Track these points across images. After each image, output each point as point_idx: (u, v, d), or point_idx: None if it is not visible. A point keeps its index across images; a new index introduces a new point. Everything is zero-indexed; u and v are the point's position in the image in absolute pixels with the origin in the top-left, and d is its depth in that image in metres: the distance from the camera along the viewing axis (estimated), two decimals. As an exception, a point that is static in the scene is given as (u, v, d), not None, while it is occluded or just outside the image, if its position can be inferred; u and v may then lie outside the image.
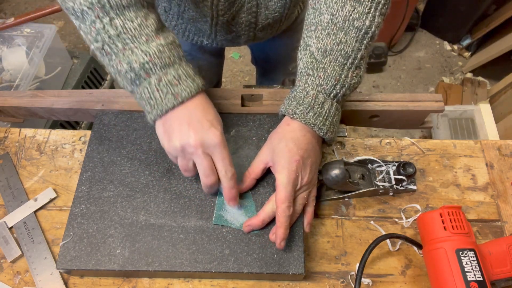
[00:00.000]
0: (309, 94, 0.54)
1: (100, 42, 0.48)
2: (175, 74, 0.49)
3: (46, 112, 0.71)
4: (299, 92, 0.55)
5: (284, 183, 0.51)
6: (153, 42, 0.48)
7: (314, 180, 0.56)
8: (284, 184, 0.51)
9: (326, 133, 0.55)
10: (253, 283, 0.56)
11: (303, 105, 0.54)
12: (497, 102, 1.76)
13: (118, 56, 0.48)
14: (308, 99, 0.54)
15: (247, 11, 0.73)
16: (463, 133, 1.67)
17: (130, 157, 0.61)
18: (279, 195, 0.51)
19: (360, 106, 0.67)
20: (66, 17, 2.19)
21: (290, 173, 0.51)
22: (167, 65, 0.49)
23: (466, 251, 0.50)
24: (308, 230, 0.55)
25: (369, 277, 0.57)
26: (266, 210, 0.54)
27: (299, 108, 0.54)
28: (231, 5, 0.71)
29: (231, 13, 0.73)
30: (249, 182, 0.57)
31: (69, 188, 0.64)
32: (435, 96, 0.68)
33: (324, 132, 0.54)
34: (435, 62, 2.09)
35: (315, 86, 0.54)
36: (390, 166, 0.63)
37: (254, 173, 0.57)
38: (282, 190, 0.51)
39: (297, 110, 0.54)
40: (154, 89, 0.49)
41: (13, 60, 1.25)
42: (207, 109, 0.52)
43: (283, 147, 0.53)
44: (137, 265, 0.53)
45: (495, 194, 0.63)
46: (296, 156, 0.52)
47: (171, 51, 0.49)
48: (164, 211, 0.57)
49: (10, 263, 0.58)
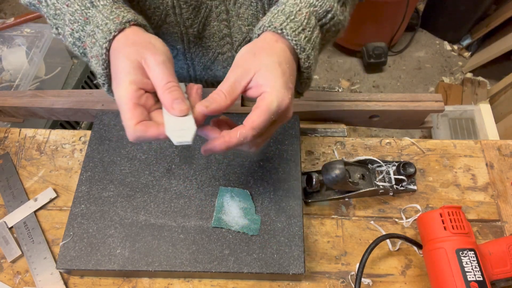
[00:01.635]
0: (302, 11, 0.46)
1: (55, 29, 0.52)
2: (90, 31, 0.47)
3: (46, 112, 0.71)
4: (290, 6, 0.46)
5: (271, 107, 0.42)
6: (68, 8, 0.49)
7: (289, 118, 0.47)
8: (271, 109, 0.42)
9: (307, 67, 0.47)
10: (253, 283, 0.56)
11: (294, 22, 0.45)
12: (497, 102, 1.76)
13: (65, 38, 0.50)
14: (300, 17, 0.46)
15: (217, 18, 0.65)
16: (463, 133, 1.67)
17: (130, 157, 0.61)
18: (257, 118, 0.42)
19: (360, 106, 0.67)
20: (66, 17, 2.20)
21: (283, 99, 0.42)
22: (85, 23, 0.48)
23: (466, 251, 0.50)
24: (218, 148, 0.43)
25: (369, 277, 0.57)
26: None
27: (289, 24, 0.45)
28: (197, 12, 0.63)
29: (200, 21, 0.65)
30: (226, 105, 0.43)
31: (69, 188, 0.64)
32: (435, 96, 0.68)
33: (307, 64, 0.46)
34: (435, 62, 2.08)
35: (307, 5, 0.47)
36: (390, 166, 0.63)
37: (235, 93, 0.44)
38: (264, 114, 0.42)
39: (287, 27, 0.45)
40: (89, 58, 0.48)
41: (13, 60, 1.24)
42: (116, 60, 0.44)
43: (276, 66, 0.43)
44: (137, 265, 0.53)
45: (495, 194, 0.63)
46: (290, 83, 0.44)
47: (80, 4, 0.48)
48: (164, 211, 0.57)
49: (10, 263, 0.58)
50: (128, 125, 0.42)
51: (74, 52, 0.51)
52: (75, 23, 0.49)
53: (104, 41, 0.45)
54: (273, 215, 0.56)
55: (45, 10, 0.53)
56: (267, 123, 0.42)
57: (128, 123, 0.42)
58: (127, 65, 0.43)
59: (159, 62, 0.43)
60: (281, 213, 0.56)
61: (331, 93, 0.69)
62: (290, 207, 0.57)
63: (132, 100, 0.42)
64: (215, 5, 0.63)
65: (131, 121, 0.42)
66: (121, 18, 0.46)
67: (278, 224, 0.56)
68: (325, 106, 0.68)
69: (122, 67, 0.43)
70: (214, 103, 0.43)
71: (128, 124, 0.42)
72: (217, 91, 0.44)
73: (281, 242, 0.54)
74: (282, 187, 0.58)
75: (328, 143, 0.68)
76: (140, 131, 0.41)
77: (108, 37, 0.45)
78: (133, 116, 0.42)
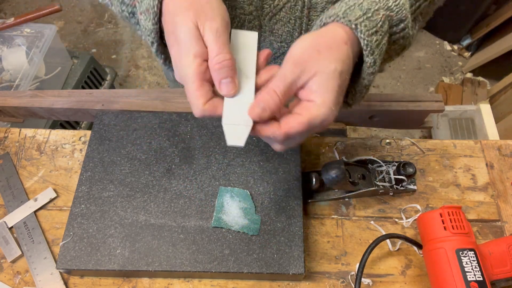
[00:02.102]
0: (379, 12, 0.41)
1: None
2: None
3: (46, 112, 0.71)
4: (368, 3, 0.42)
5: (314, 122, 0.39)
6: None
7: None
8: (313, 124, 0.39)
9: (371, 74, 0.42)
10: (253, 283, 0.56)
11: (370, 21, 0.40)
12: (497, 102, 1.76)
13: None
14: (377, 18, 0.41)
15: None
16: (463, 133, 1.67)
17: (130, 157, 0.61)
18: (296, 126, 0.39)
19: (360, 106, 0.67)
20: (66, 17, 2.20)
21: (329, 116, 0.39)
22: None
23: (466, 251, 0.50)
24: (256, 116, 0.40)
25: (369, 277, 0.57)
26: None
27: (365, 22, 0.40)
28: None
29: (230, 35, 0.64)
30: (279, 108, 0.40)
31: (69, 188, 0.64)
32: (435, 96, 0.68)
33: (371, 70, 0.42)
34: (435, 62, 2.08)
35: (385, 7, 0.42)
36: (390, 166, 0.63)
37: (289, 94, 0.40)
38: (305, 126, 0.39)
39: (363, 24, 0.40)
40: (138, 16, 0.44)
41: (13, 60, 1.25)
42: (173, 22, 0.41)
43: (336, 76, 0.39)
44: (137, 265, 0.53)
45: (495, 194, 0.63)
46: (341, 97, 0.40)
47: None
48: (164, 211, 0.57)
49: (10, 263, 0.58)
50: (196, 104, 0.39)
51: (122, 15, 0.47)
52: None
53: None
54: (273, 215, 0.56)
55: None
56: (304, 133, 0.40)
57: (196, 102, 0.39)
58: (188, 33, 0.39)
59: (213, 30, 0.39)
60: (281, 213, 0.56)
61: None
62: (290, 207, 0.57)
63: (199, 76, 0.39)
64: (249, 19, 0.59)
65: (199, 101, 0.39)
66: None
67: (278, 224, 0.56)
68: (325, 106, 0.67)
69: (183, 36, 0.39)
70: (268, 110, 0.39)
71: (195, 104, 0.39)
72: (271, 92, 0.40)
73: (281, 242, 0.54)
74: (282, 187, 0.58)
75: (328, 143, 0.68)
76: (208, 111, 0.39)
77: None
78: (201, 95, 0.39)
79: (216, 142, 0.62)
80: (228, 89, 0.40)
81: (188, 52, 0.39)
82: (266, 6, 0.57)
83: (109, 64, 2.02)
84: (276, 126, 0.40)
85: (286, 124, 0.39)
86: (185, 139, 0.63)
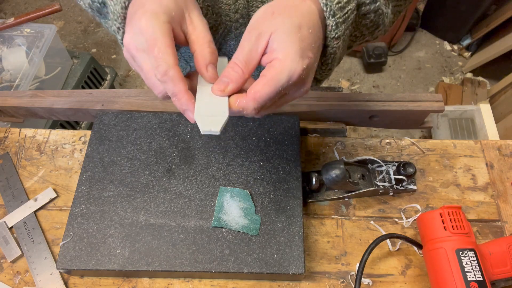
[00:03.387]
0: None
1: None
2: None
3: (46, 112, 0.71)
4: None
5: (280, 78, 0.36)
6: None
7: (306, 94, 0.42)
8: (279, 80, 0.37)
9: (334, 38, 0.41)
10: (253, 283, 0.56)
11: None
12: (497, 102, 1.76)
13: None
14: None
15: (235, 38, 0.60)
16: (463, 133, 1.67)
17: (130, 157, 0.61)
18: (262, 88, 0.37)
19: (360, 106, 0.67)
20: (66, 17, 2.20)
21: (295, 69, 0.37)
22: None
23: (466, 251, 0.50)
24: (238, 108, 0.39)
25: (369, 277, 0.57)
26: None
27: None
28: (214, 31, 0.59)
29: (217, 41, 0.61)
30: (244, 80, 0.39)
31: (69, 188, 0.64)
32: (435, 96, 0.68)
33: (334, 34, 0.41)
34: (435, 62, 2.08)
35: None
36: (390, 166, 0.63)
37: (252, 64, 0.39)
38: (271, 85, 0.37)
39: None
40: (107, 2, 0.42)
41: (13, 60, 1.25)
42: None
43: (295, 30, 0.37)
44: (137, 265, 0.53)
45: (495, 194, 0.63)
46: (309, 52, 0.38)
47: None
48: (164, 211, 0.57)
49: (10, 263, 0.58)
50: (166, 60, 0.35)
51: (93, 7, 0.45)
52: None
53: None
54: (273, 215, 0.56)
55: None
56: (273, 96, 0.37)
57: (167, 58, 0.35)
58: (171, 5, 0.38)
59: (204, 21, 0.40)
60: (281, 213, 0.56)
61: (331, 93, 0.69)
62: (290, 207, 0.57)
63: (171, 36, 0.36)
64: (235, 26, 0.58)
65: (170, 58, 0.36)
66: None
67: (278, 224, 0.56)
68: (325, 106, 0.68)
69: (165, 3, 0.37)
70: (231, 83, 0.38)
71: (165, 60, 0.35)
72: (232, 64, 0.38)
73: (281, 242, 0.54)
74: (282, 187, 0.58)
75: (328, 143, 0.68)
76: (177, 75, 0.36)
77: None
78: (173, 52, 0.36)
79: (216, 142, 0.62)
80: (214, 72, 0.39)
81: (162, 14, 0.37)
82: (251, 13, 0.57)
83: (109, 64, 2.02)
84: (243, 96, 0.38)
85: (251, 89, 0.38)
86: (185, 139, 0.63)
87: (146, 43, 0.37)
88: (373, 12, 0.44)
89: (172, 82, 0.36)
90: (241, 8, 0.56)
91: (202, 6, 0.56)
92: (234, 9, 0.56)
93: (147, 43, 0.36)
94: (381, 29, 0.48)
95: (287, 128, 0.63)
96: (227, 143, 0.62)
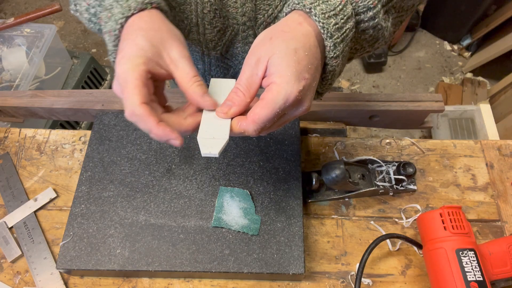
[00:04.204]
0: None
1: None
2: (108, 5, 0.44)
3: (46, 112, 0.71)
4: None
5: (277, 101, 0.38)
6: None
7: (307, 112, 0.43)
8: (276, 103, 0.38)
9: (333, 58, 0.42)
10: (253, 283, 0.56)
11: (326, 4, 0.40)
12: (497, 102, 1.76)
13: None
14: (336, 1, 0.41)
15: (242, 41, 0.61)
16: (463, 133, 1.67)
17: (130, 157, 0.61)
18: (260, 111, 0.39)
19: (360, 106, 0.67)
20: (66, 17, 2.20)
21: (291, 91, 0.38)
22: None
23: (466, 251, 0.50)
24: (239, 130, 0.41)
25: (369, 277, 0.57)
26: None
27: (321, 5, 0.40)
28: (221, 34, 0.60)
29: (224, 44, 0.62)
30: (246, 103, 0.41)
31: (69, 188, 0.64)
32: (435, 96, 0.68)
33: (333, 54, 0.41)
34: (435, 62, 2.08)
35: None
36: (390, 166, 0.63)
37: (253, 88, 0.41)
38: (268, 108, 0.38)
39: (318, 7, 0.40)
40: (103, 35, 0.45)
41: (13, 60, 1.25)
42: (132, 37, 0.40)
43: (291, 53, 0.39)
44: (137, 265, 0.53)
45: (495, 194, 0.63)
46: (305, 74, 0.39)
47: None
48: (164, 211, 0.57)
49: (10, 263, 0.58)
50: (132, 101, 0.37)
51: (92, 29, 0.49)
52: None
53: (121, 16, 0.41)
54: (273, 215, 0.56)
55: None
56: (271, 117, 0.39)
57: (132, 99, 0.37)
58: (146, 46, 0.39)
59: (185, 55, 0.41)
60: (281, 213, 0.56)
61: (331, 93, 0.69)
62: (290, 207, 0.57)
63: (142, 78, 0.38)
64: (243, 29, 0.59)
65: (136, 97, 0.37)
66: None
67: (278, 224, 0.56)
68: (325, 106, 0.68)
69: (140, 46, 0.39)
70: (234, 107, 0.41)
71: (131, 100, 0.37)
72: (235, 89, 0.41)
73: (281, 242, 0.54)
74: (282, 187, 0.58)
75: (328, 143, 0.68)
76: (143, 112, 0.37)
77: (126, 13, 0.41)
78: (140, 92, 0.38)
79: (216, 142, 0.62)
80: (210, 100, 0.41)
81: (138, 57, 0.39)
82: (259, 16, 0.57)
83: (109, 64, 2.02)
84: (244, 119, 0.40)
85: (251, 112, 0.40)
86: (185, 139, 0.63)
87: (120, 88, 0.39)
88: (372, 28, 0.45)
89: (142, 120, 0.38)
90: (248, 11, 0.57)
91: (210, 10, 0.56)
92: (242, 12, 0.57)
93: (121, 88, 0.39)
94: (381, 42, 0.49)
95: (287, 128, 0.63)
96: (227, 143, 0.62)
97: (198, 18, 0.58)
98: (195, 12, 0.57)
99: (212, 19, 0.58)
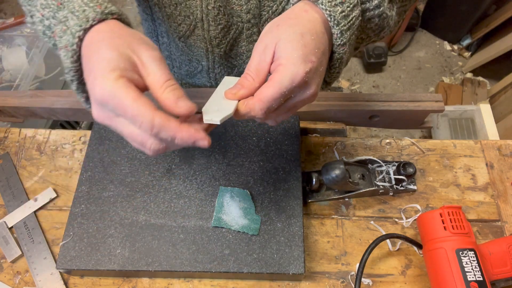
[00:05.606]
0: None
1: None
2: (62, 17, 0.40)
3: (46, 112, 0.71)
4: None
5: (283, 81, 0.38)
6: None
7: (314, 98, 0.43)
8: (282, 83, 0.38)
9: (340, 45, 0.42)
10: (253, 283, 0.56)
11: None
12: (497, 102, 1.76)
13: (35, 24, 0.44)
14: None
15: (247, 39, 0.62)
16: (463, 133, 1.67)
17: (130, 157, 0.61)
18: (266, 90, 0.38)
19: (360, 106, 0.67)
20: (66, 17, 2.20)
21: (298, 72, 0.38)
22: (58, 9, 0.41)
23: (466, 251, 0.50)
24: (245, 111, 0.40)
25: (369, 277, 0.57)
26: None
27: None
28: (226, 32, 0.60)
29: (228, 42, 0.62)
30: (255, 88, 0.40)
31: (69, 188, 0.64)
32: (435, 96, 0.68)
33: (340, 41, 0.42)
34: (435, 62, 2.08)
35: None
36: (390, 166, 0.63)
37: (262, 73, 0.40)
38: (275, 87, 0.38)
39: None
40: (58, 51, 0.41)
41: (13, 60, 1.25)
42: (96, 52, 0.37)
43: (297, 37, 0.39)
44: (137, 265, 0.53)
45: (495, 194, 0.63)
46: (312, 57, 0.39)
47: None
48: (164, 211, 0.57)
49: (10, 263, 0.58)
50: (144, 114, 0.34)
51: (48, 44, 0.44)
52: (46, 8, 0.41)
53: (78, 29, 0.38)
54: (273, 215, 0.56)
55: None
56: (277, 96, 0.38)
57: (143, 111, 0.34)
58: (115, 56, 0.36)
59: (156, 58, 0.38)
60: (281, 213, 0.56)
61: (331, 93, 0.69)
62: (290, 207, 0.57)
63: (132, 87, 0.35)
64: (247, 27, 0.60)
65: (145, 108, 0.34)
66: (103, 7, 0.39)
67: (278, 224, 0.56)
68: (325, 106, 0.68)
69: (108, 58, 0.36)
70: (242, 89, 0.40)
71: (143, 113, 0.34)
72: (245, 74, 0.41)
73: (281, 242, 0.54)
74: (282, 187, 0.58)
75: (328, 143, 0.68)
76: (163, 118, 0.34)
77: (84, 25, 0.37)
78: (146, 101, 0.34)
79: (216, 142, 0.62)
80: (187, 104, 0.36)
81: (111, 73, 0.35)
82: (264, 13, 0.58)
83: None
84: (250, 99, 0.40)
85: (258, 92, 0.39)
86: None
87: (115, 110, 0.35)
88: (378, 17, 0.46)
89: (163, 128, 0.35)
90: (253, 8, 0.57)
91: (214, 6, 0.57)
92: (246, 9, 0.57)
93: (117, 110, 0.35)
94: (386, 31, 0.49)
95: (287, 128, 0.63)
96: (227, 143, 0.62)
97: (203, 14, 0.58)
98: (200, 8, 0.58)
99: (216, 16, 0.58)
